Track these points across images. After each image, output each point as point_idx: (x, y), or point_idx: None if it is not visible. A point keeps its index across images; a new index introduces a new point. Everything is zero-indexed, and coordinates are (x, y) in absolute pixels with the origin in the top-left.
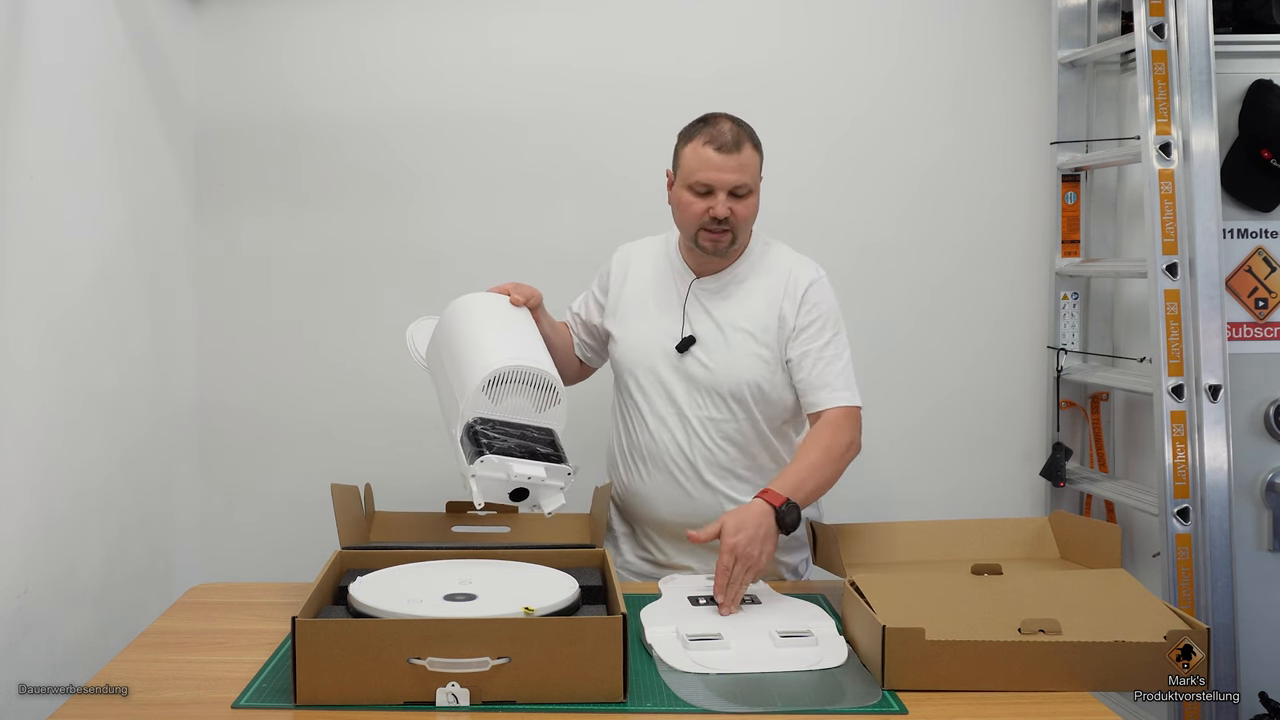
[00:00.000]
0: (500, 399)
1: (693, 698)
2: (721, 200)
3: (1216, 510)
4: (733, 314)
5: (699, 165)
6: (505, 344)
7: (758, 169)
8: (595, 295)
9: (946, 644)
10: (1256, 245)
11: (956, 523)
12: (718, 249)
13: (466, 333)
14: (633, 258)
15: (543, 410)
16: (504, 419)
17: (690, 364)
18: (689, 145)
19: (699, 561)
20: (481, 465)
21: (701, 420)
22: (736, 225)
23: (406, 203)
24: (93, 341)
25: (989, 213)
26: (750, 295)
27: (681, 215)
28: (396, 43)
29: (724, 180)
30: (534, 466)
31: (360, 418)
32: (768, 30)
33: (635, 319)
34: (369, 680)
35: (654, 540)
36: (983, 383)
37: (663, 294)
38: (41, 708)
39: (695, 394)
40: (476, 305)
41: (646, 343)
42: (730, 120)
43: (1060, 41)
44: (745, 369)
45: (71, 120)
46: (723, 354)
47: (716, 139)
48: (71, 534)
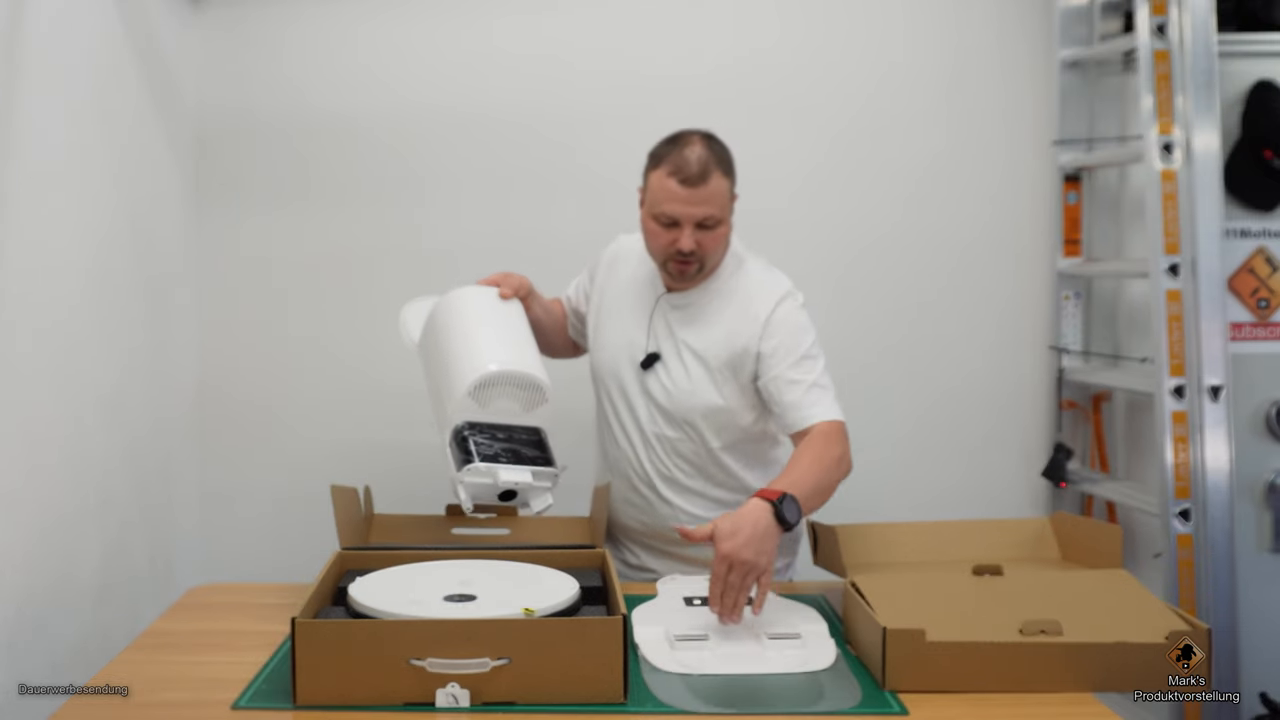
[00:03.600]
0: (487, 402)
1: (671, 698)
2: (687, 234)
3: (1218, 511)
4: (692, 339)
5: (664, 197)
6: (492, 347)
7: (727, 197)
8: (585, 283)
9: (947, 645)
10: (1258, 245)
11: (957, 523)
12: (684, 277)
13: (455, 333)
14: (620, 254)
15: (530, 410)
16: (491, 421)
17: (651, 383)
18: (655, 173)
19: (666, 565)
20: (469, 472)
21: (658, 436)
22: (704, 256)
23: (407, 201)
24: (92, 341)
25: (990, 212)
26: (711, 323)
27: (649, 243)
28: (397, 41)
29: (689, 214)
30: (520, 472)
31: (361, 418)
32: (769, 27)
33: (609, 324)
34: (369, 681)
35: (630, 548)
36: (984, 383)
37: (637, 303)
38: (41, 708)
39: (653, 411)
40: (465, 303)
41: (616, 354)
42: (701, 144)
43: (1062, 41)
44: (697, 396)
45: (71, 120)
46: (680, 378)
47: (682, 170)
48: (71, 534)
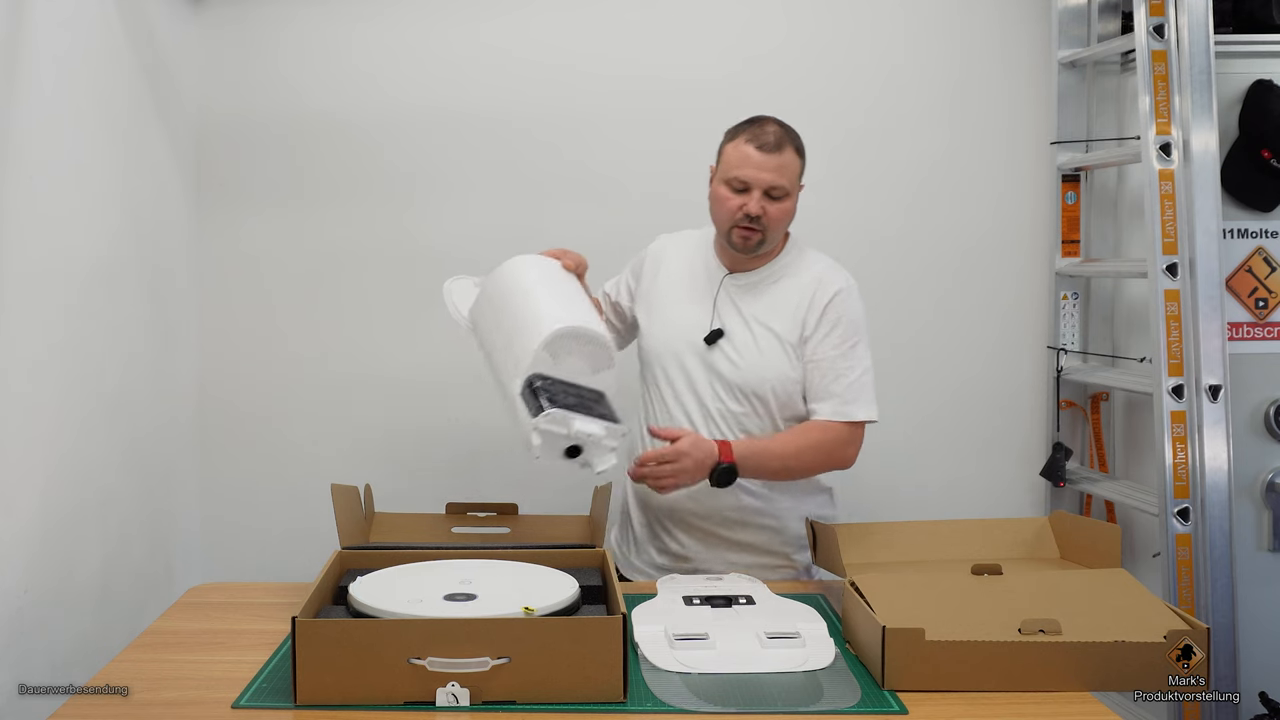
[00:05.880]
0: (561, 356)
1: (670, 696)
2: (756, 198)
3: (1216, 510)
4: (761, 312)
5: (738, 162)
6: (565, 305)
7: (797, 174)
8: (628, 280)
9: (946, 644)
10: (1256, 245)
11: (956, 523)
12: (747, 246)
13: (524, 292)
14: (668, 249)
15: (597, 372)
16: (561, 378)
17: (717, 358)
18: (732, 142)
19: (713, 553)
20: (545, 419)
21: (722, 413)
22: (768, 226)
23: (407, 202)
24: (93, 342)
25: (989, 213)
26: (779, 297)
27: (717, 209)
28: (397, 42)
29: (760, 179)
30: (594, 424)
31: (361, 418)
32: (767, 31)
33: (665, 309)
34: (369, 680)
35: (672, 534)
36: (983, 383)
37: (694, 287)
38: (41, 708)
39: (718, 387)
40: (533, 266)
41: (674, 334)
42: (777, 123)
43: (1060, 41)
44: (770, 367)
45: (71, 120)
46: (750, 351)
47: (759, 138)
48: (72, 534)
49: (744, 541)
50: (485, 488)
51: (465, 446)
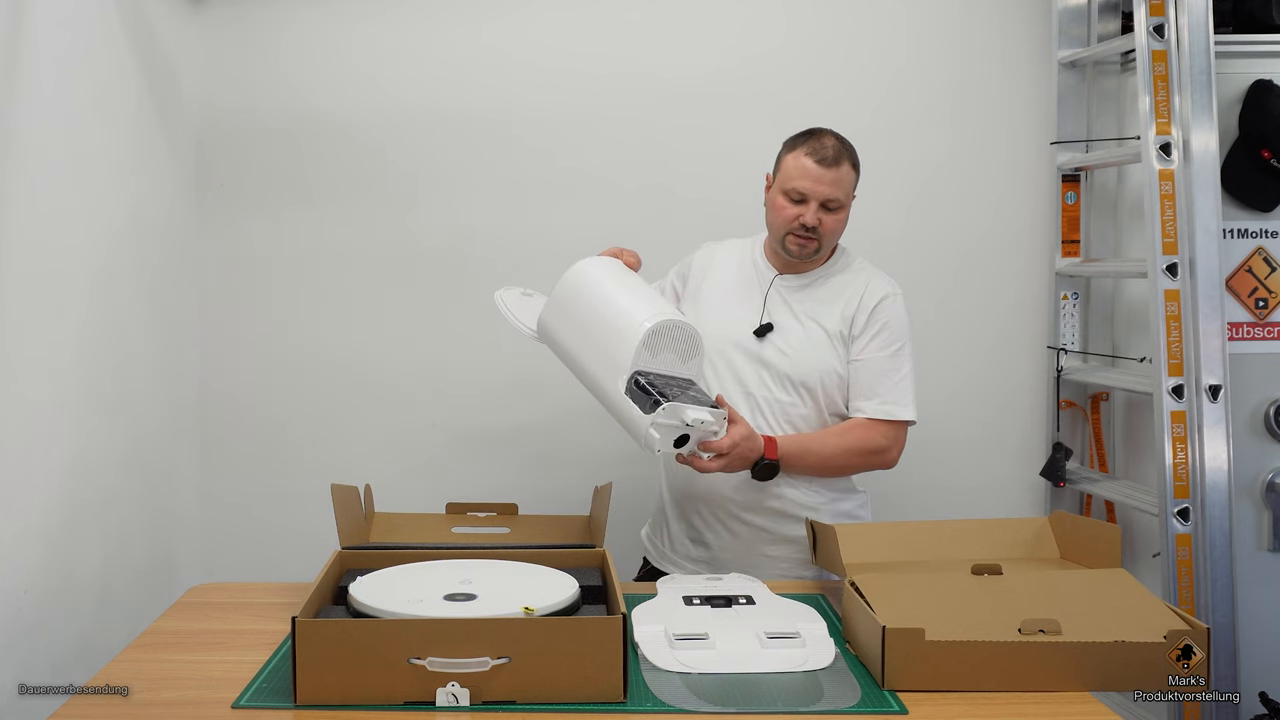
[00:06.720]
0: (659, 350)
1: (670, 696)
2: (813, 210)
3: (1216, 510)
4: (812, 308)
5: (797, 173)
6: (650, 302)
7: (852, 186)
8: (674, 283)
9: (946, 644)
10: (1257, 245)
11: (956, 523)
12: (803, 253)
13: (605, 294)
14: (716, 255)
15: (686, 361)
16: (661, 371)
17: (767, 350)
18: (791, 153)
19: (748, 551)
20: (662, 414)
21: (769, 402)
22: (824, 235)
23: (408, 201)
24: (93, 341)
25: (989, 213)
26: (829, 296)
27: (774, 217)
28: (397, 42)
29: (818, 191)
30: (702, 411)
31: (361, 417)
32: (767, 31)
33: (714, 309)
34: (369, 680)
35: (709, 525)
36: (983, 382)
37: (743, 290)
38: (41, 708)
39: (766, 378)
40: (603, 268)
41: (721, 330)
42: (835, 137)
43: (1060, 41)
44: (819, 359)
45: (72, 120)
46: (800, 342)
47: (818, 151)
48: (72, 534)
49: (787, 536)
50: (485, 488)
51: (465, 446)
